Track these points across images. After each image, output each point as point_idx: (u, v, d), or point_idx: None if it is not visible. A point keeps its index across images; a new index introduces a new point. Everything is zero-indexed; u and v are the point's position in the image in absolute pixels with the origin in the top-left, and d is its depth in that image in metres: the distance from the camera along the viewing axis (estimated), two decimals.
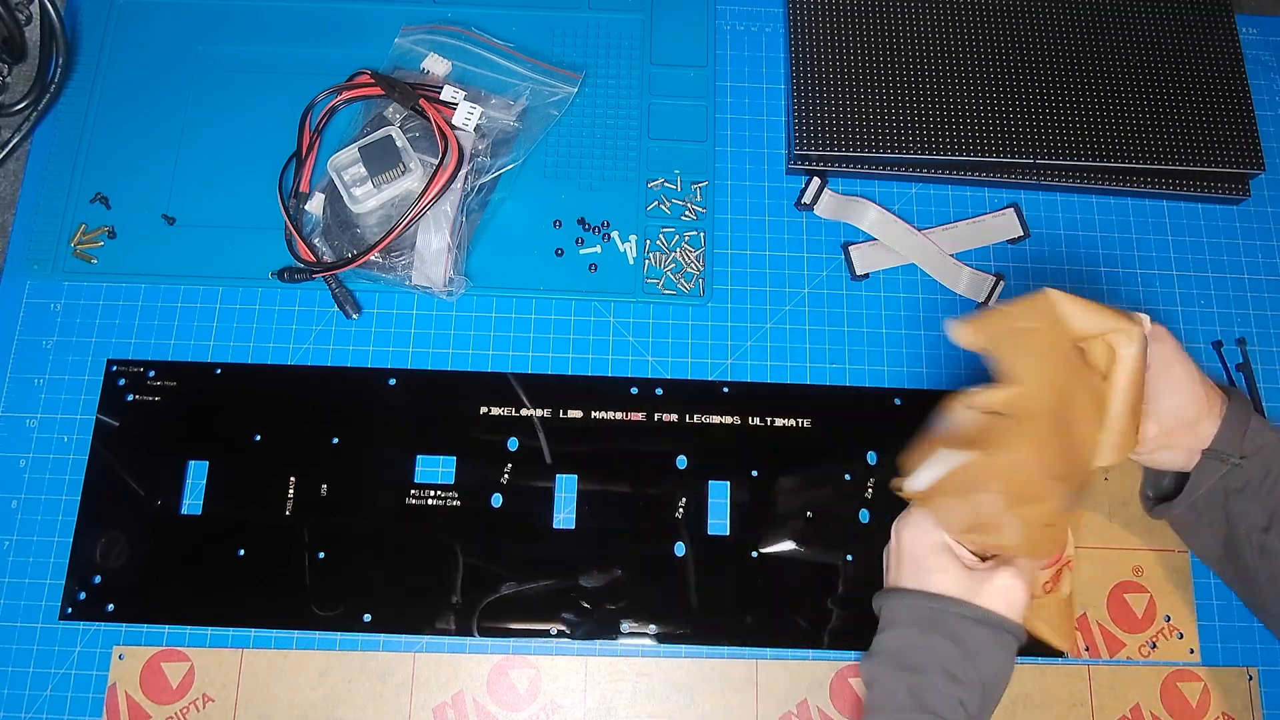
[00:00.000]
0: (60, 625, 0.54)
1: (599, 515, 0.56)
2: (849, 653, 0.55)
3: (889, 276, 0.62)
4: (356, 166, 0.57)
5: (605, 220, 0.62)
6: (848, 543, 0.56)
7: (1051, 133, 0.61)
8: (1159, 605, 0.56)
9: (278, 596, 0.55)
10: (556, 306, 0.61)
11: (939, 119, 0.62)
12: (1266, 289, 0.63)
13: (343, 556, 0.55)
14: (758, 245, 0.62)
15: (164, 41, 0.65)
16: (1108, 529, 0.57)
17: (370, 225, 0.58)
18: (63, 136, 0.63)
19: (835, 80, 0.63)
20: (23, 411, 0.58)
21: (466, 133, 0.59)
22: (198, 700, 0.53)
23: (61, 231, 0.61)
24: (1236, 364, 0.61)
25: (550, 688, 0.54)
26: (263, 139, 0.62)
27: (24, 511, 0.56)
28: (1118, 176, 0.62)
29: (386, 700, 0.54)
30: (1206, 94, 0.63)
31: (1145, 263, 0.63)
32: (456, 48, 0.64)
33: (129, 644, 0.54)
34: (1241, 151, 0.62)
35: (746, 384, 0.59)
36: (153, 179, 0.62)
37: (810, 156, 0.62)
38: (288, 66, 0.65)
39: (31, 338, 0.60)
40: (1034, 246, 0.63)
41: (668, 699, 0.54)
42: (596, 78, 0.65)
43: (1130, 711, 0.55)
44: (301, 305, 0.60)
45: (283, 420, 0.58)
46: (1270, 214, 0.65)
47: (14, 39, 0.62)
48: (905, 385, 0.60)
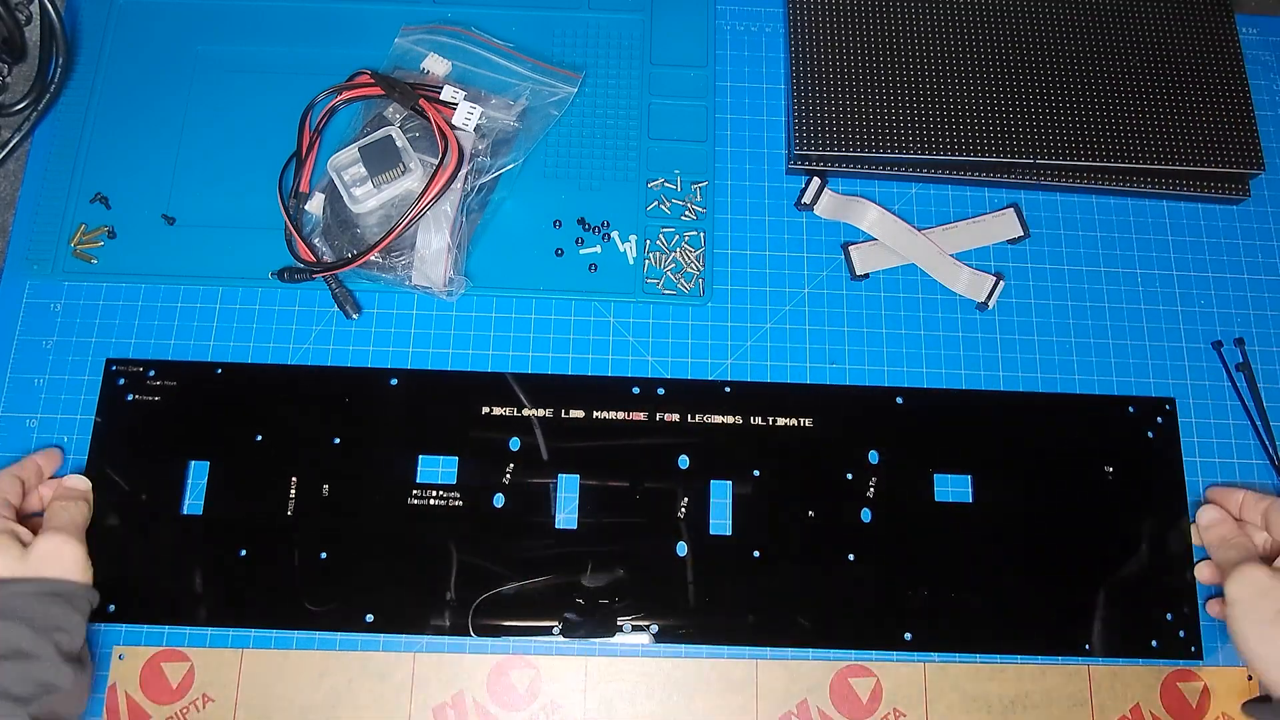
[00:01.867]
0: None
1: (601, 515, 0.56)
2: (849, 653, 0.55)
3: (889, 276, 0.62)
4: (356, 166, 0.57)
5: (605, 220, 0.62)
6: (849, 542, 0.56)
7: (1051, 133, 0.62)
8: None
9: (279, 597, 0.55)
10: (556, 306, 0.61)
11: (939, 119, 0.62)
12: (1266, 289, 0.63)
13: (345, 556, 0.55)
14: (758, 245, 0.63)
15: (164, 41, 0.65)
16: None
17: (370, 225, 0.58)
18: (63, 136, 0.63)
19: (835, 80, 0.63)
20: (23, 411, 0.58)
21: (466, 133, 0.59)
22: (198, 700, 0.53)
23: (61, 231, 0.61)
24: (1236, 364, 0.61)
25: (550, 688, 0.54)
26: (263, 139, 0.62)
27: None
28: (1118, 176, 0.62)
29: (386, 700, 0.54)
30: (1206, 94, 0.63)
31: (1145, 263, 0.63)
32: (456, 48, 0.64)
33: (129, 644, 0.54)
34: (1241, 151, 0.62)
35: (748, 384, 0.59)
36: (153, 179, 0.62)
37: (810, 156, 0.62)
38: (288, 66, 0.65)
39: (31, 338, 0.60)
40: (1034, 246, 0.63)
41: (668, 699, 0.54)
42: (596, 78, 0.65)
43: (1130, 711, 0.55)
44: (301, 305, 0.60)
45: (284, 420, 0.58)
46: (1270, 214, 0.65)
47: (14, 39, 0.62)
48: (905, 385, 0.60)
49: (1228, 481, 0.58)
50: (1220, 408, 0.60)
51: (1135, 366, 0.61)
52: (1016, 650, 0.55)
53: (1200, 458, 0.59)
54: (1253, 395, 0.60)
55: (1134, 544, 0.57)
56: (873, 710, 0.54)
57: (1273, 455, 0.59)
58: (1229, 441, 0.60)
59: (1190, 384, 0.61)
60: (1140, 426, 0.59)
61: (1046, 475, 0.58)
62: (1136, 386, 0.60)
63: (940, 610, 0.55)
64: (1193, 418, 0.60)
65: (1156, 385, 0.60)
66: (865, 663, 0.55)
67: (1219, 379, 0.61)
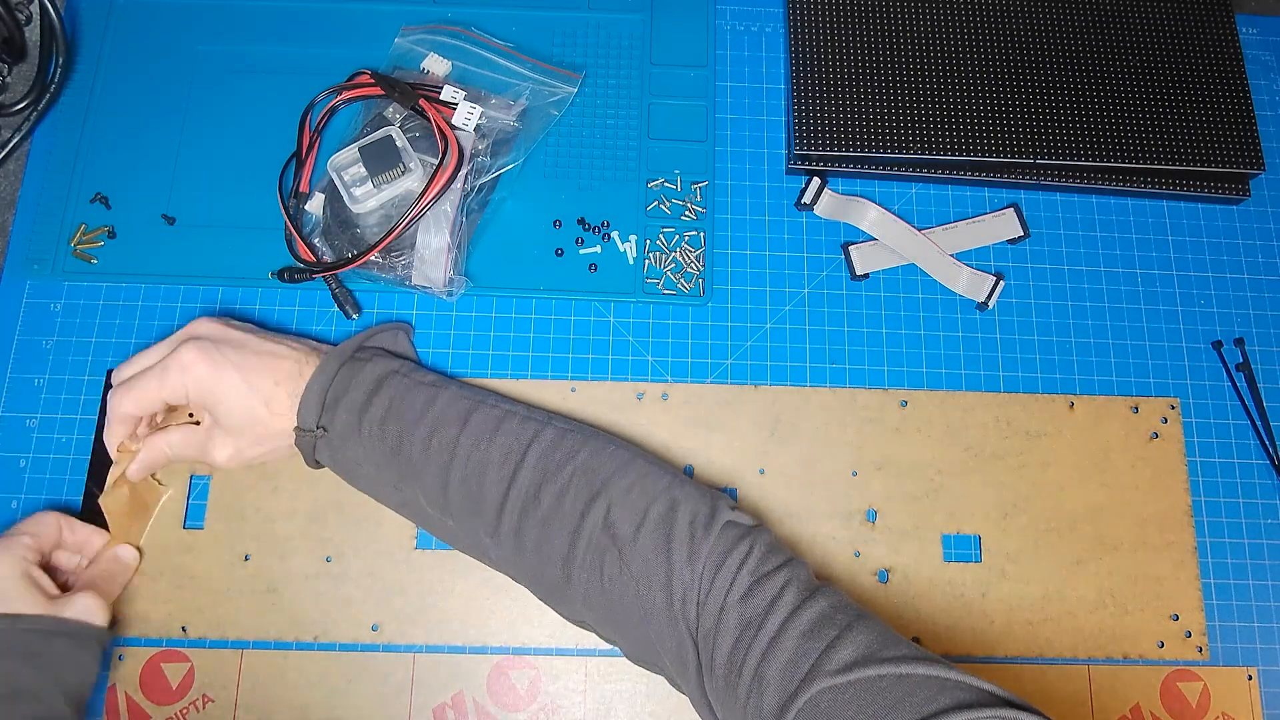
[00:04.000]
0: None
1: None
2: None
3: (889, 276, 0.62)
4: (356, 166, 0.57)
5: (605, 220, 0.62)
6: (852, 540, 0.56)
7: (1051, 133, 0.62)
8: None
9: (283, 604, 0.55)
10: (556, 306, 0.61)
11: (939, 119, 0.62)
12: (1266, 289, 0.63)
13: (349, 562, 0.55)
14: (758, 245, 0.63)
15: (164, 41, 0.65)
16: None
17: (370, 225, 0.58)
18: (63, 136, 0.63)
19: (835, 80, 0.63)
20: (23, 411, 0.58)
21: (466, 133, 0.59)
22: (197, 701, 0.53)
23: (61, 231, 0.61)
24: (1236, 364, 0.61)
25: (550, 688, 0.54)
26: (263, 139, 0.62)
27: (25, 512, 0.56)
28: (1117, 176, 0.62)
29: (386, 700, 0.54)
30: (1206, 94, 0.63)
31: (1145, 263, 0.63)
32: (456, 48, 0.64)
33: (129, 644, 0.54)
34: (1241, 151, 0.62)
35: (754, 386, 0.59)
36: (153, 179, 0.62)
37: (810, 156, 0.62)
38: (288, 66, 0.65)
39: (31, 338, 0.60)
40: (1034, 246, 0.63)
41: (667, 699, 0.54)
42: (596, 78, 0.65)
43: (1130, 711, 0.55)
44: (301, 305, 0.60)
45: None
46: (1270, 214, 0.65)
47: (14, 39, 0.62)
48: (905, 385, 0.60)
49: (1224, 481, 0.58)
50: (1220, 408, 0.60)
51: (1135, 366, 0.61)
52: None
53: (1200, 458, 0.59)
54: (1253, 395, 0.60)
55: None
56: None
57: (1273, 455, 0.59)
58: (1229, 441, 0.60)
59: (1190, 384, 0.61)
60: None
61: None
62: (1136, 387, 0.60)
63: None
64: (1193, 418, 0.60)
65: (1156, 385, 0.60)
66: None
67: (1219, 379, 0.61)
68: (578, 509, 0.46)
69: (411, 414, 0.49)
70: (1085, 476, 0.58)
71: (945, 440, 0.58)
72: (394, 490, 0.50)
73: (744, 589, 0.42)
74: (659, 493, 0.46)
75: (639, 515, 0.45)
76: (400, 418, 0.49)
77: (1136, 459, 0.58)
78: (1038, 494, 0.58)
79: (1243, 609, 0.57)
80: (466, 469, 0.47)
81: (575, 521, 0.46)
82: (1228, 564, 0.57)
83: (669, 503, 0.46)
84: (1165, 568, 0.57)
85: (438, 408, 0.49)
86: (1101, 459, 0.58)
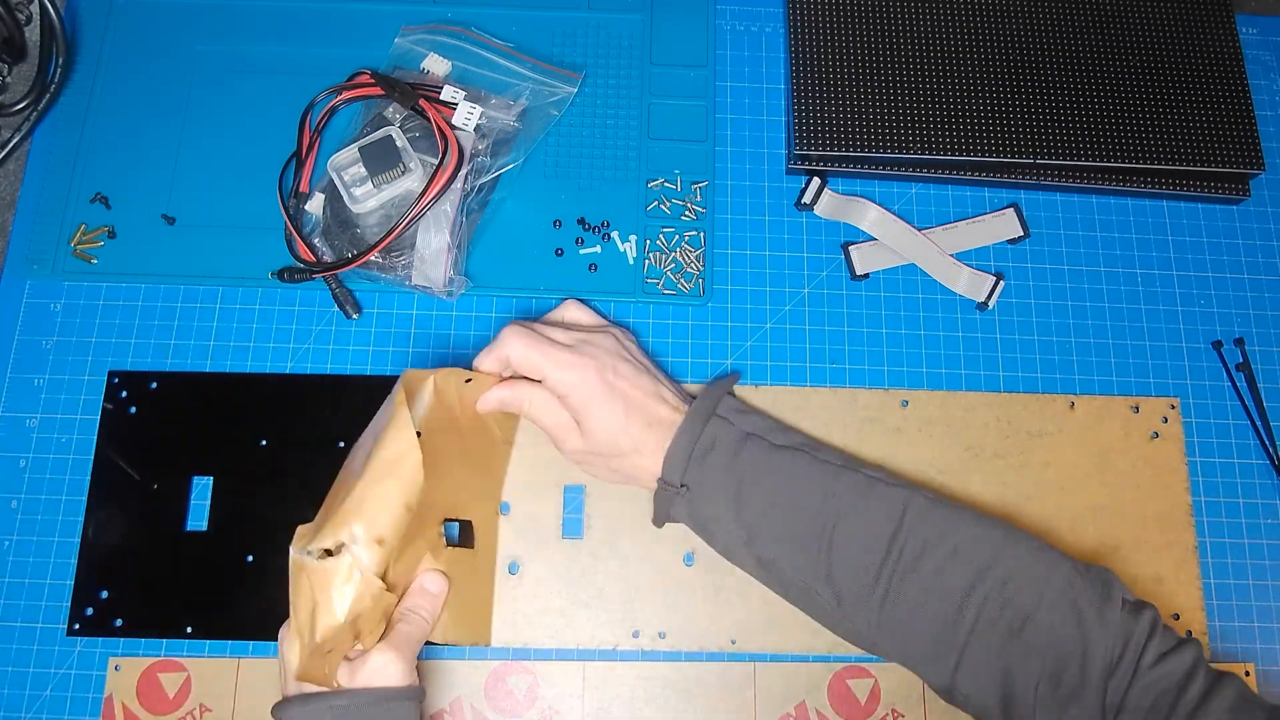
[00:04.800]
0: (59, 634, 0.54)
1: (605, 516, 0.56)
2: (847, 655, 0.55)
3: (889, 276, 0.62)
4: (356, 166, 0.57)
5: (605, 220, 0.62)
6: None
7: (1051, 133, 0.61)
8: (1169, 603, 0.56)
9: (282, 604, 0.54)
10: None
11: (939, 119, 0.62)
12: (1266, 289, 0.63)
13: None
14: (758, 245, 0.62)
15: (164, 41, 0.65)
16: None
17: (370, 225, 0.58)
18: (63, 136, 0.63)
19: (835, 80, 0.63)
20: (23, 411, 0.58)
21: (466, 133, 0.59)
22: (195, 710, 0.53)
23: (61, 231, 0.61)
24: (1236, 364, 0.61)
25: (548, 693, 0.54)
26: (263, 139, 0.62)
27: (24, 512, 0.56)
28: (1117, 176, 0.62)
29: None
30: (1206, 94, 0.63)
31: (1145, 263, 0.63)
32: (456, 48, 0.64)
33: (126, 654, 0.54)
34: (1241, 151, 0.62)
35: (761, 388, 0.59)
36: (153, 179, 0.62)
37: (810, 156, 0.62)
38: (288, 66, 0.65)
39: (31, 338, 0.60)
40: (1034, 246, 0.63)
41: (666, 702, 0.54)
42: (596, 78, 0.65)
43: None
44: (301, 305, 0.60)
45: (286, 425, 0.57)
46: (1270, 214, 0.65)
47: (14, 39, 0.62)
48: (906, 385, 0.60)
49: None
50: (1220, 408, 0.60)
51: (1135, 366, 0.61)
52: None
53: (1200, 458, 0.59)
54: (1253, 395, 0.60)
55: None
56: (871, 711, 0.54)
57: (1273, 455, 0.59)
58: (1229, 441, 0.60)
59: (1190, 384, 0.61)
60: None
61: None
62: (1137, 386, 0.60)
63: None
64: (1193, 418, 0.60)
65: (1157, 385, 0.60)
66: (863, 664, 0.55)
67: (1219, 379, 0.61)
68: (967, 578, 0.46)
69: (771, 480, 0.49)
70: (1086, 476, 0.58)
71: (946, 440, 0.58)
72: (744, 546, 0.50)
73: (1152, 660, 0.44)
74: (1055, 561, 0.47)
75: (1039, 587, 0.46)
76: (757, 482, 0.49)
77: (1137, 459, 0.58)
78: (1038, 494, 0.58)
79: (1243, 609, 0.57)
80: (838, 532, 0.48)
81: (963, 590, 0.46)
82: (1228, 564, 0.57)
83: (1067, 574, 0.46)
84: (1166, 567, 0.57)
85: (798, 471, 0.50)
86: (1102, 459, 0.58)
